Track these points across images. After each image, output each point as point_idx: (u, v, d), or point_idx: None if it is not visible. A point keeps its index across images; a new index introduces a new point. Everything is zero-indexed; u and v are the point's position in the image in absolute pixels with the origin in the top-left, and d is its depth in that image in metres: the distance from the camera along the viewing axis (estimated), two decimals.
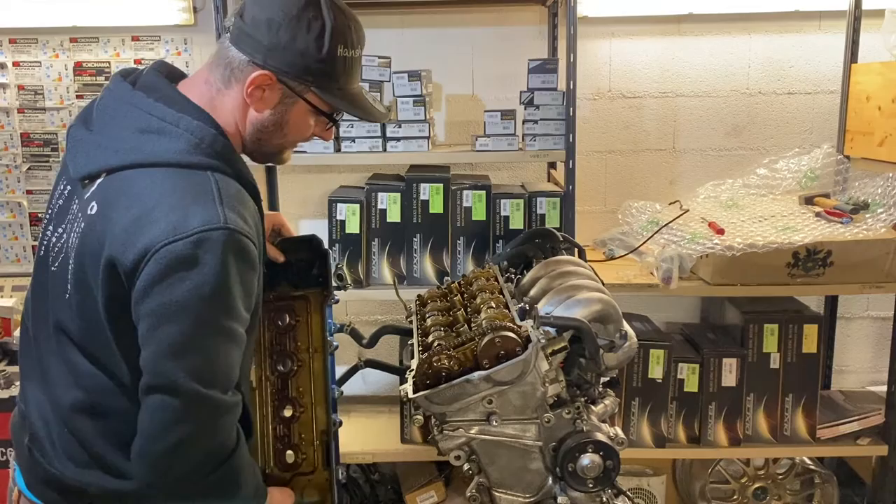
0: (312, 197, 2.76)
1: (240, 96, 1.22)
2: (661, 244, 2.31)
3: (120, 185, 1.15)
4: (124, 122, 1.18)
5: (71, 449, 1.24)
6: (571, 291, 1.49)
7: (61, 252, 1.22)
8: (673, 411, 2.40)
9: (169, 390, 1.11)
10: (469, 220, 2.31)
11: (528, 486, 1.45)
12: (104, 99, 1.24)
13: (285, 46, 1.20)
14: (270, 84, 1.21)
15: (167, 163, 1.15)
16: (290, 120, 1.27)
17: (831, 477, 2.55)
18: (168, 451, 1.12)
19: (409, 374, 1.41)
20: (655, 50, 2.68)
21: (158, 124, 1.17)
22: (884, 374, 2.44)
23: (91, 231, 1.15)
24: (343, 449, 2.42)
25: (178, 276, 1.08)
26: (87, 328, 1.19)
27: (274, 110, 1.25)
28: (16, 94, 2.72)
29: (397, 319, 2.75)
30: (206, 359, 1.13)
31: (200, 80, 1.25)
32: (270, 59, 1.20)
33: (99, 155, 1.18)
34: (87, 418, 1.23)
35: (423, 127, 2.29)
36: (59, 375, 1.25)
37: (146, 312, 1.11)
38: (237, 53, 1.20)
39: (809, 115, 2.71)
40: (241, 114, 1.24)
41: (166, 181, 1.13)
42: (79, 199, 1.21)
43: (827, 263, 2.20)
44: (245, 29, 1.20)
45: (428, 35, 2.68)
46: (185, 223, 1.09)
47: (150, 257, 1.08)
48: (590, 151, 2.74)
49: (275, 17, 1.20)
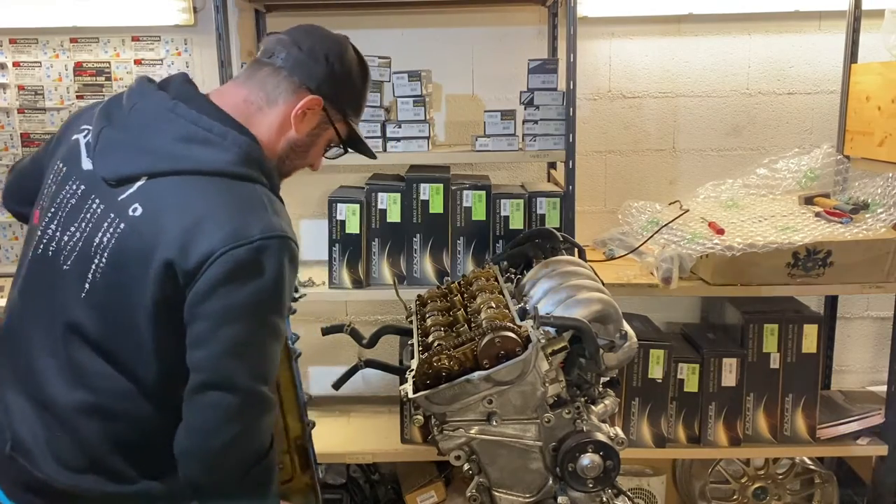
0: (312, 197, 2.76)
1: (282, 116, 1.31)
2: (661, 244, 2.31)
3: (170, 190, 1.19)
4: (166, 129, 1.22)
5: (66, 453, 1.24)
6: (571, 291, 1.49)
7: (75, 251, 1.23)
8: (673, 411, 2.40)
9: (228, 388, 1.17)
10: (469, 220, 2.31)
11: (528, 486, 1.45)
12: (138, 103, 1.27)
13: (338, 79, 1.35)
14: (315, 109, 1.33)
15: (218, 172, 1.21)
16: (317, 144, 1.39)
17: (831, 477, 2.55)
18: (225, 446, 1.18)
19: (409, 374, 1.41)
20: (655, 50, 2.68)
21: (205, 135, 1.22)
22: (884, 374, 2.44)
23: (135, 232, 1.18)
24: (343, 449, 2.44)
25: (241, 280, 1.15)
26: (111, 327, 1.21)
27: (309, 133, 1.36)
28: (16, 94, 2.72)
29: (397, 319, 2.75)
30: (262, 358, 1.20)
31: (238, 97, 1.31)
32: (323, 86, 1.33)
33: (138, 159, 1.21)
34: (92, 420, 1.24)
35: (423, 127, 2.29)
36: (58, 376, 1.24)
37: (207, 313, 1.15)
38: (288, 77, 1.31)
39: (809, 115, 2.71)
40: (277, 132, 1.32)
41: (221, 189, 1.20)
42: (105, 199, 1.22)
43: (827, 263, 2.20)
44: (301, 58, 1.32)
45: (428, 35, 2.68)
46: (247, 230, 1.16)
47: (213, 260, 1.13)
48: (590, 151, 2.74)
49: (331, 53, 1.35)
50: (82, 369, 1.23)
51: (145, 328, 1.20)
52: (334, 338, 1.91)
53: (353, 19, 2.67)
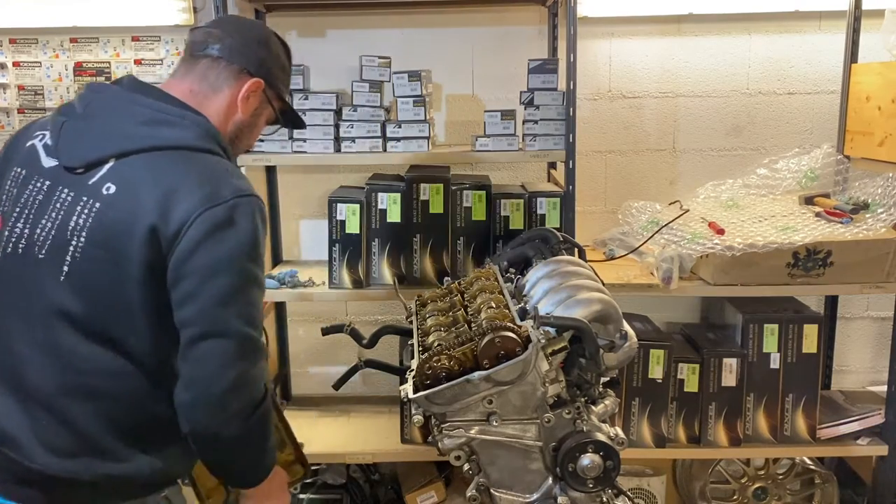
0: (312, 197, 2.76)
1: (228, 100, 1.42)
2: (661, 244, 2.31)
3: (141, 166, 1.28)
4: (127, 116, 1.32)
5: (56, 439, 1.27)
6: (571, 291, 1.49)
7: (48, 240, 1.29)
8: (673, 411, 2.40)
9: (223, 334, 1.26)
10: (469, 220, 2.31)
11: (528, 487, 1.45)
12: (95, 98, 1.36)
13: (272, 61, 1.47)
14: (256, 91, 1.44)
15: (184, 146, 1.31)
16: (258, 123, 1.51)
17: (831, 477, 2.55)
18: (227, 390, 1.26)
19: (409, 374, 1.41)
20: (655, 50, 2.68)
21: (165, 118, 1.32)
22: (884, 374, 2.44)
23: (112, 208, 1.26)
24: (343, 449, 2.44)
25: (221, 236, 1.25)
26: (98, 305, 1.27)
27: (252, 113, 1.47)
28: (16, 94, 2.72)
29: (397, 319, 2.75)
30: (249, 305, 1.30)
31: (183, 89, 1.41)
32: (261, 69, 1.44)
33: (105, 143, 1.30)
34: (81, 402, 1.28)
35: (423, 127, 2.29)
36: (42, 363, 1.28)
37: (193, 270, 1.24)
38: (229, 65, 1.41)
39: (809, 115, 2.71)
40: (225, 115, 1.43)
41: (188, 160, 1.30)
42: (74, 187, 1.30)
43: (827, 263, 2.20)
44: (236, 46, 1.42)
45: (428, 35, 2.68)
46: (220, 192, 1.27)
47: (192, 221, 1.23)
48: (590, 151, 2.74)
49: (261, 38, 1.47)
50: (68, 352, 1.27)
51: (137, 298, 1.26)
52: (334, 338, 1.91)
53: (353, 19, 2.67)
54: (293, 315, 2.84)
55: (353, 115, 2.29)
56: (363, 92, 2.29)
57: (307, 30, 2.69)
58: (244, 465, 1.39)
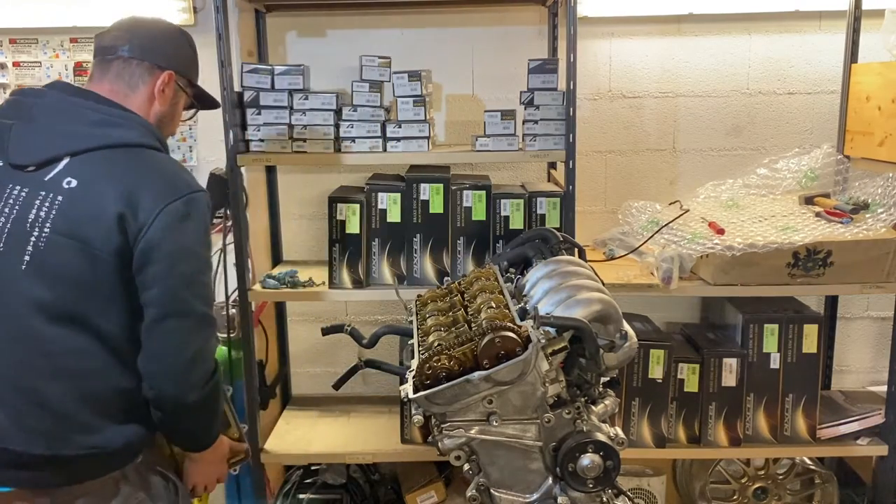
0: (312, 197, 2.76)
1: (146, 95, 1.55)
2: (661, 244, 2.31)
3: (98, 162, 1.42)
4: (75, 117, 1.45)
5: (34, 421, 1.36)
6: (571, 291, 1.49)
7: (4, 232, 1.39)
8: (673, 411, 2.40)
9: (185, 314, 1.43)
10: (469, 220, 2.32)
11: (528, 487, 1.45)
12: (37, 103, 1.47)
13: (178, 54, 1.61)
14: (170, 82, 1.57)
15: (133, 143, 1.46)
16: (177, 111, 1.63)
17: (831, 477, 2.56)
18: (188, 361, 1.44)
19: (409, 374, 1.41)
20: (655, 50, 2.68)
21: (111, 119, 1.47)
22: (884, 374, 2.44)
23: (77, 200, 1.38)
24: (343, 449, 2.44)
25: (181, 227, 1.41)
26: (68, 289, 1.37)
27: (170, 103, 1.59)
28: None
29: (397, 319, 2.75)
30: (205, 286, 1.49)
31: (104, 89, 1.53)
32: (171, 63, 1.58)
33: (58, 143, 1.43)
34: (52, 382, 1.37)
35: (423, 127, 2.29)
36: (10, 350, 1.37)
37: (159, 257, 1.39)
38: (141, 63, 1.55)
39: (809, 115, 2.71)
40: (146, 110, 1.55)
41: (140, 157, 1.45)
42: (27, 183, 1.41)
43: (827, 263, 2.20)
44: (144, 45, 1.56)
45: (428, 35, 2.68)
46: (177, 187, 1.43)
47: (158, 213, 1.38)
48: (590, 151, 2.74)
49: (163, 33, 1.62)
50: (36, 337, 1.36)
51: (106, 280, 1.39)
52: (334, 338, 1.91)
53: (353, 19, 2.67)
54: (293, 315, 2.84)
55: (353, 115, 2.29)
56: (363, 92, 2.29)
57: (307, 30, 2.69)
58: (197, 429, 1.56)
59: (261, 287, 2.37)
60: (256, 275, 2.45)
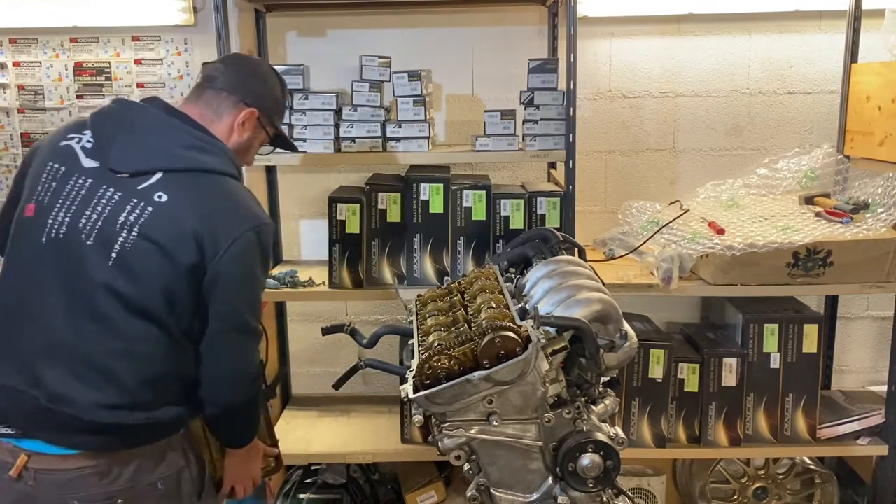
0: (312, 197, 2.76)
1: (228, 125, 1.69)
2: (661, 244, 2.31)
3: (186, 183, 1.56)
4: (169, 136, 1.60)
5: (104, 395, 1.51)
6: (571, 291, 1.49)
7: (95, 228, 1.52)
8: (673, 411, 2.40)
9: (243, 330, 1.63)
10: (469, 220, 2.32)
11: (529, 486, 1.45)
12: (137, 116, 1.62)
13: (266, 95, 1.75)
14: (251, 118, 1.71)
15: (217, 171, 1.60)
16: (253, 145, 1.77)
17: (831, 477, 2.56)
18: (252, 372, 1.68)
19: (409, 374, 1.41)
20: (655, 50, 2.68)
21: (201, 144, 1.61)
22: (884, 374, 2.44)
23: (164, 213, 1.52)
24: (343, 449, 2.44)
25: (252, 255, 1.58)
26: (142, 287, 1.51)
27: (248, 137, 1.73)
28: (16, 94, 2.72)
29: (397, 319, 2.75)
30: (260, 306, 1.69)
31: (194, 112, 1.68)
32: (256, 101, 1.71)
33: (152, 158, 1.57)
34: (124, 363, 1.52)
35: (423, 127, 2.29)
36: (89, 330, 1.51)
37: (231, 279, 1.56)
38: (229, 96, 1.69)
39: (809, 115, 2.71)
40: (227, 138, 1.69)
41: (224, 185, 1.61)
42: (121, 188, 1.54)
43: (827, 263, 2.20)
44: (236, 81, 1.70)
45: (428, 35, 2.68)
46: (252, 218, 1.59)
47: (234, 240, 1.54)
48: (590, 151, 2.74)
49: (258, 74, 1.76)
50: (114, 322, 1.51)
51: (178, 287, 1.53)
52: (334, 338, 1.91)
53: (353, 19, 2.67)
54: (293, 315, 2.84)
55: (353, 115, 2.29)
56: (363, 92, 2.29)
57: (307, 30, 2.69)
58: (240, 426, 1.74)
59: None
60: None
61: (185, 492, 1.65)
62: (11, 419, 1.54)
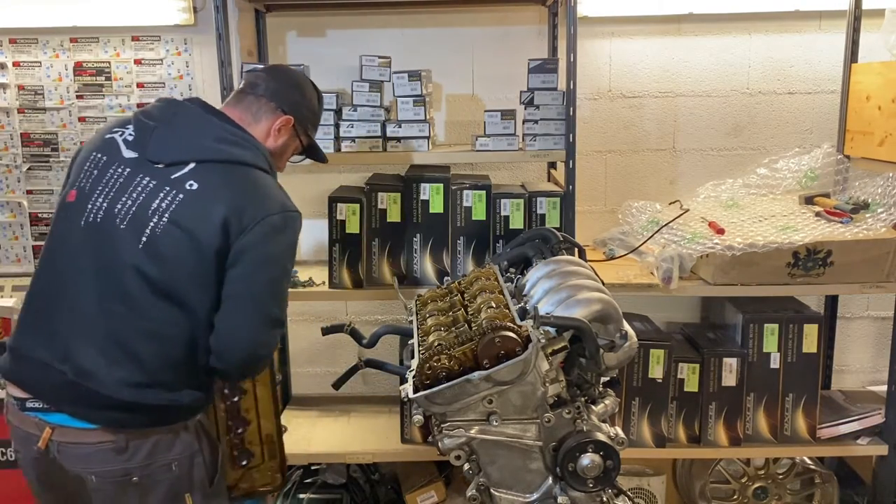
0: (312, 197, 2.76)
1: (265, 129, 1.77)
2: (661, 244, 2.31)
3: (217, 173, 1.63)
4: (205, 131, 1.67)
5: (128, 374, 1.57)
6: (571, 291, 1.49)
7: (129, 214, 1.59)
8: (673, 411, 2.40)
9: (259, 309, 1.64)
10: (469, 220, 2.32)
11: (529, 486, 1.45)
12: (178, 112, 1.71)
13: (303, 105, 1.83)
14: (287, 125, 1.79)
15: (247, 163, 1.67)
16: (287, 151, 1.85)
17: (831, 477, 2.56)
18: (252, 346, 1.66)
19: (409, 373, 1.41)
20: (655, 50, 2.68)
21: (233, 138, 1.68)
22: (884, 374, 2.44)
23: (195, 200, 1.59)
24: (343, 449, 2.44)
25: (275, 238, 1.62)
26: (171, 271, 1.58)
27: (282, 143, 1.80)
28: (16, 94, 2.72)
29: (397, 319, 2.75)
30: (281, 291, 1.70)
31: (234, 114, 1.76)
32: (293, 110, 1.79)
33: (188, 150, 1.64)
34: (151, 344, 1.59)
35: (423, 127, 2.29)
36: (116, 311, 1.58)
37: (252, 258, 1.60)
38: (268, 103, 1.77)
39: (809, 114, 2.71)
40: (262, 142, 1.76)
41: (251, 175, 1.66)
42: (156, 177, 1.62)
43: (827, 263, 2.20)
44: (276, 89, 1.79)
45: (428, 35, 2.68)
46: (278, 204, 1.64)
47: (258, 222, 1.59)
48: (590, 151, 2.74)
49: (298, 85, 1.84)
50: (141, 303, 1.57)
51: (204, 271, 1.59)
52: (334, 338, 1.91)
53: (353, 19, 2.67)
54: (293, 315, 2.84)
55: (353, 114, 2.29)
56: (363, 92, 2.29)
57: (307, 30, 2.69)
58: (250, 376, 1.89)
59: None
60: None
61: (198, 476, 1.69)
62: (40, 392, 1.61)
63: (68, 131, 2.74)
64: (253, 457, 2.03)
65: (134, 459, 1.61)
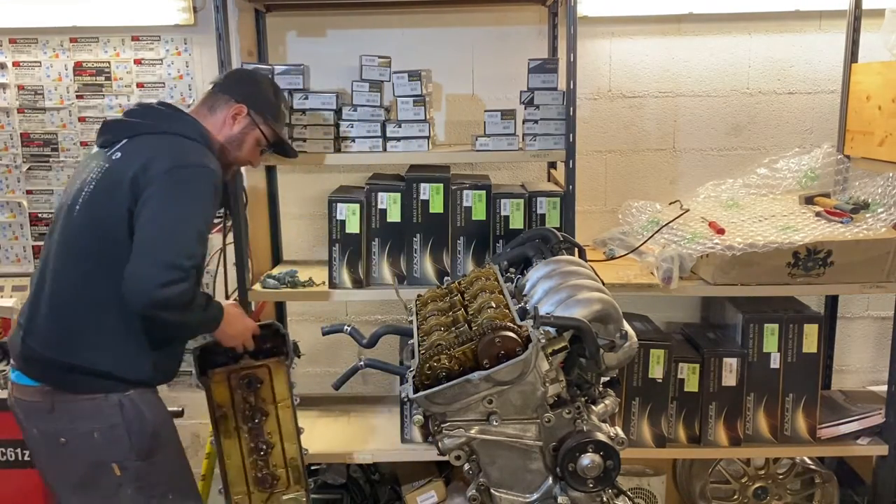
0: (312, 197, 2.76)
1: (220, 119, 1.92)
2: (661, 244, 2.31)
3: (143, 141, 1.78)
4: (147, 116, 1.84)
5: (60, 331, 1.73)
6: (571, 291, 1.49)
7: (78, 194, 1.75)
8: (673, 411, 2.40)
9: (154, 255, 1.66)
10: (469, 220, 2.31)
11: (529, 486, 1.45)
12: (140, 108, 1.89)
13: (257, 95, 1.96)
14: (241, 113, 1.93)
15: (180, 134, 1.80)
16: (246, 141, 1.95)
17: (831, 477, 2.56)
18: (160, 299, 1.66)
19: (409, 374, 1.41)
20: (655, 50, 2.68)
21: (171, 117, 1.85)
22: (884, 374, 2.44)
23: (114, 168, 1.73)
24: (343, 449, 2.44)
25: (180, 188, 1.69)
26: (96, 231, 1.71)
27: (239, 130, 1.93)
28: (16, 94, 2.72)
29: (397, 319, 2.75)
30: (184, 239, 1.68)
31: (191, 110, 1.93)
32: (247, 100, 1.94)
33: (125, 131, 1.82)
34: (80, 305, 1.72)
35: (423, 127, 2.29)
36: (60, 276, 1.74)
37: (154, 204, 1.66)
38: (222, 95, 1.94)
39: (809, 114, 2.71)
40: (218, 129, 1.91)
41: (175, 140, 1.79)
42: (100, 159, 1.78)
43: (827, 263, 2.20)
44: (229, 83, 1.97)
45: (428, 35, 2.68)
46: (189, 160, 1.73)
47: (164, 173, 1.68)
48: (590, 151, 2.74)
49: (254, 80, 2.01)
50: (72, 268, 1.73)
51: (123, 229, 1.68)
52: (334, 338, 1.91)
53: (353, 19, 2.67)
54: (293, 315, 2.84)
55: (353, 114, 2.29)
56: (363, 92, 2.29)
57: (307, 30, 2.69)
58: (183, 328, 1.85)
59: (261, 287, 2.37)
60: (256, 275, 2.45)
61: (121, 448, 1.76)
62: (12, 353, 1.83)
63: (68, 131, 2.74)
64: (278, 480, 2.10)
65: (60, 422, 1.74)
